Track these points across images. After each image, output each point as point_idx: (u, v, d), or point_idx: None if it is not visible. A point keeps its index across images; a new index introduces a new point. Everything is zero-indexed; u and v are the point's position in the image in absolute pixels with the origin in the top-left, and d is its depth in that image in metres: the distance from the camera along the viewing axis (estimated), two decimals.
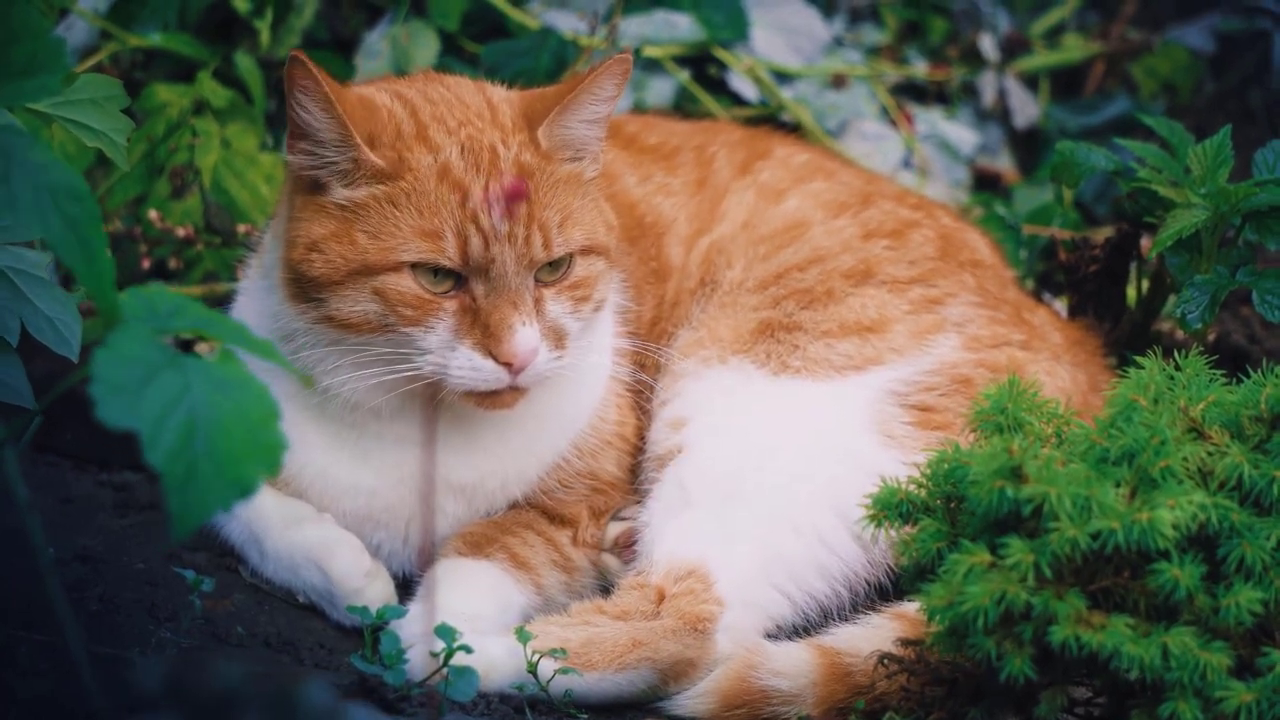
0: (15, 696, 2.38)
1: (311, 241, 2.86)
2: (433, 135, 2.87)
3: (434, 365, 2.83)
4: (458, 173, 2.84)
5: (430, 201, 2.82)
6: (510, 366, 2.82)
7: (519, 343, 2.81)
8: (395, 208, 2.83)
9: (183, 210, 3.77)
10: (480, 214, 2.81)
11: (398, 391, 2.90)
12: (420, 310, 2.83)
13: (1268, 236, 3.20)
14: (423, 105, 2.92)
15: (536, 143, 2.90)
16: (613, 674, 2.80)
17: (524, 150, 2.88)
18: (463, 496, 3.05)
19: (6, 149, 2.17)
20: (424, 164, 2.84)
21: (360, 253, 2.83)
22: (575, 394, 3.07)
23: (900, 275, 3.19)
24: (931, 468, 2.62)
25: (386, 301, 2.83)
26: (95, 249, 2.17)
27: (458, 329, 2.83)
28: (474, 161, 2.85)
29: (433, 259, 2.81)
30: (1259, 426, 2.55)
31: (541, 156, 2.89)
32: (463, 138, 2.87)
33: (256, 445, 2.08)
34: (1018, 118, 4.46)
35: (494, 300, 2.82)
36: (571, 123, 2.91)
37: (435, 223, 2.81)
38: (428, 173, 2.83)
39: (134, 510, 3.32)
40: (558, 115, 2.89)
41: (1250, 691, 2.38)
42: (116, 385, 2.05)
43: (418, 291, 2.83)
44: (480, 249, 2.81)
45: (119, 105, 2.83)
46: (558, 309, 2.88)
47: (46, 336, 2.81)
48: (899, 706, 2.66)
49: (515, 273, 2.82)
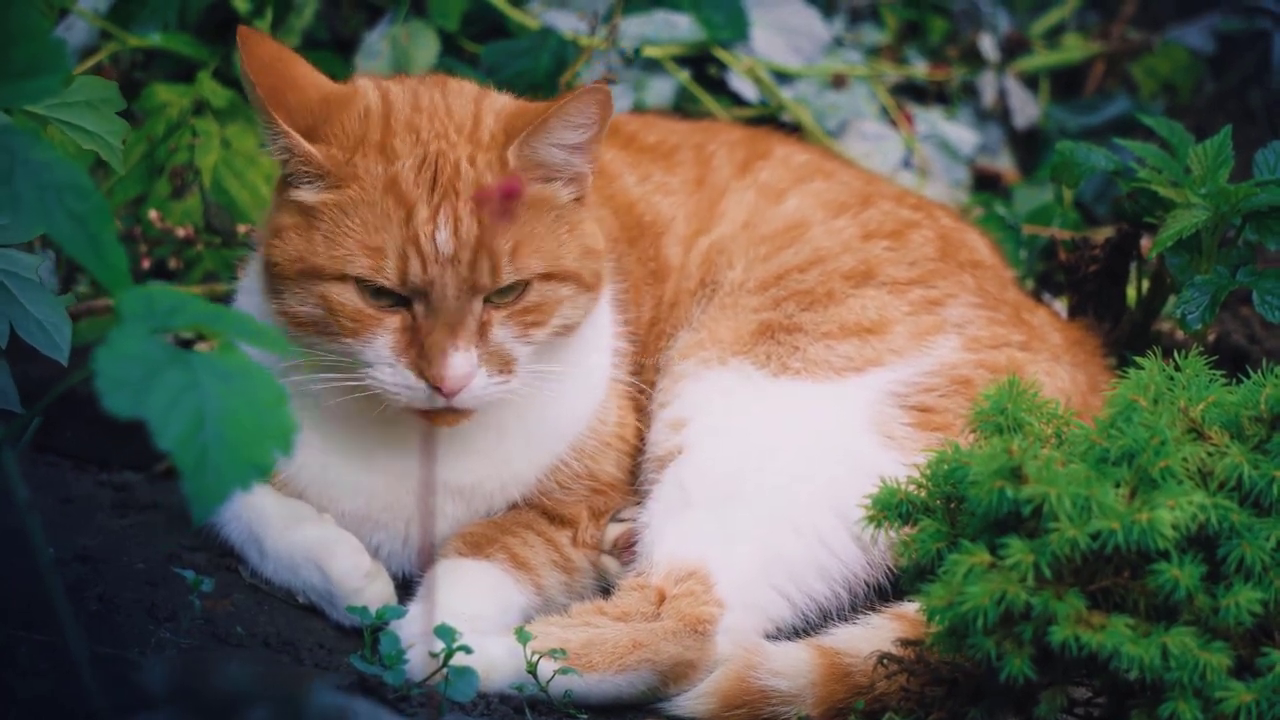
0: (15, 696, 2.38)
1: (277, 229, 2.87)
2: (395, 144, 2.84)
3: (372, 379, 2.82)
4: (405, 187, 2.80)
5: (375, 216, 2.80)
6: (440, 390, 2.80)
7: (449, 367, 2.78)
8: (345, 216, 2.81)
9: (183, 210, 3.77)
10: (423, 236, 2.78)
11: (349, 397, 2.88)
12: (360, 324, 2.81)
13: (1268, 236, 3.20)
14: (402, 110, 2.90)
15: (505, 162, 2.86)
16: (613, 675, 2.80)
17: (488, 170, 2.84)
18: (461, 498, 3.05)
19: (8, 148, 2.17)
20: (373, 174, 2.81)
21: (312, 254, 2.82)
22: (573, 397, 3.07)
23: (900, 276, 3.19)
24: (931, 468, 2.62)
25: (330, 309, 2.82)
26: (105, 243, 2.16)
27: (395, 346, 2.81)
28: (429, 177, 2.81)
29: (371, 278, 2.80)
30: (1259, 427, 2.55)
31: (502, 177, 2.84)
32: (429, 151, 2.84)
33: (268, 428, 2.09)
34: (1018, 118, 4.46)
35: (431, 322, 2.79)
36: (542, 146, 2.85)
37: (378, 239, 2.79)
38: (375, 184, 2.81)
39: (134, 510, 3.32)
40: (528, 138, 2.84)
41: (1250, 691, 2.38)
42: (120, 380, 2.05)
43: (359, 305, 2.82)
44: (419, 272, 2.78)
45: (114, 108, 2.83)
46: (504, 334, 2.84)
47: (36, 339, 2.81)
48: (899, 707, 2.66)
49: (455, 297, 2.79)
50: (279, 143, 2.84)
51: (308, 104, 2.86)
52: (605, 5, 3.99)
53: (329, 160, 2.82)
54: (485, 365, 2.82)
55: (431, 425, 2.88)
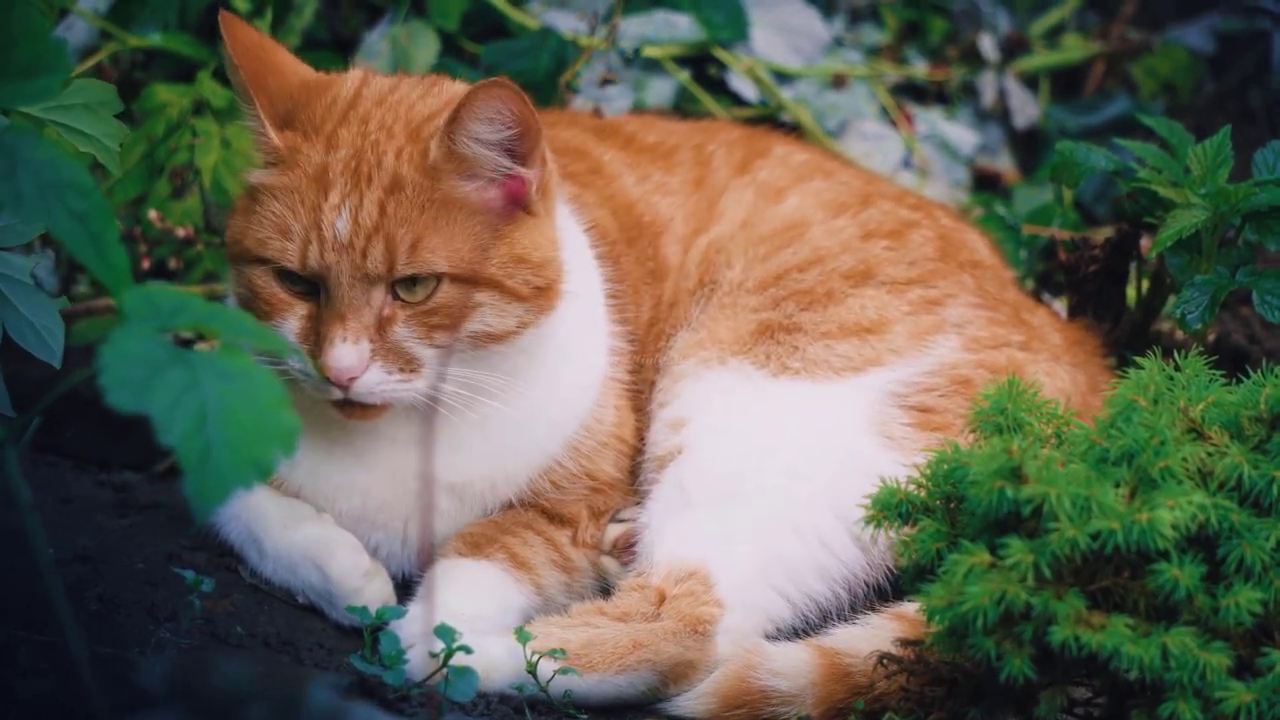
0: (15, 697, 2.38)
1: (230, 213, 2.94)
2: (341, 134, 2.86)
3: (288, 364, 2.83)
4: (331, 176, 2.82)
5: (295, 201, 2.82)
6: (328, 379, 2.80)
7: (335, 357, 2.78)
8: (274, 199, 2.84)
9: (183, 210, 3.77)
10: (325, 221, 2.79)
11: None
12: (274, 307, 2.84)
13: (1268, 236, 3.20)
14: (365, 102, 2.91)
15: (425, 155, 2.84)
16: (613, 675, 2.80)
17: (407, 163, 2.83)
18: (454, 496, 3.05)
19: (9, 147, 2.17)
20: (310, 161, 2.84)
21: (243, 235, 2.86)
22: (564, 396, 3.06)
23: (899, 276, 3.19)
24: (931, 468, 2.62)
25: (252, 290, 2.86)
26: (106, 242, 2.17)
27: (299, 332, 2.84)
28: (354, 168, 2.82)
29: (277, 260, 2.82)
30: (1259, 427, 2.55)
31: (423, 172, 2.83)
32: (366, 144, 2.84)
33: (269, 428, 2.09)
34: (1018, 118, 4.46)
35: (327, 311, 2.81)
36: (459, 140, 2.82)
37: (289, 223, 2.82)
38: (305, 170, 2.84)
39: (134, 510, 3.31)
40: (445, 130, 2.82)
41: (1250, 691, 2.38)
42: (124, 378, 2.05)
43: (273, 288, 2.84)
44: (317, 256, 2.80)
45: (112, 111, 2.83)
46: (406, 332, 2.83)
47: (28, 342, 2.81)
48: (898, 707, 2.66)
49: (350, 285, 2.79)
50: (252, 125, 2.89)
51: (287, 89, 2.90)
52: (605, 5, 3.99)
53: (283, 145, 2.86)
54: (382, 360, 2.81)
55: (346, 419, 2.89)
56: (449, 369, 2.85)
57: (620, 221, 3.27)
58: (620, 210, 3.28)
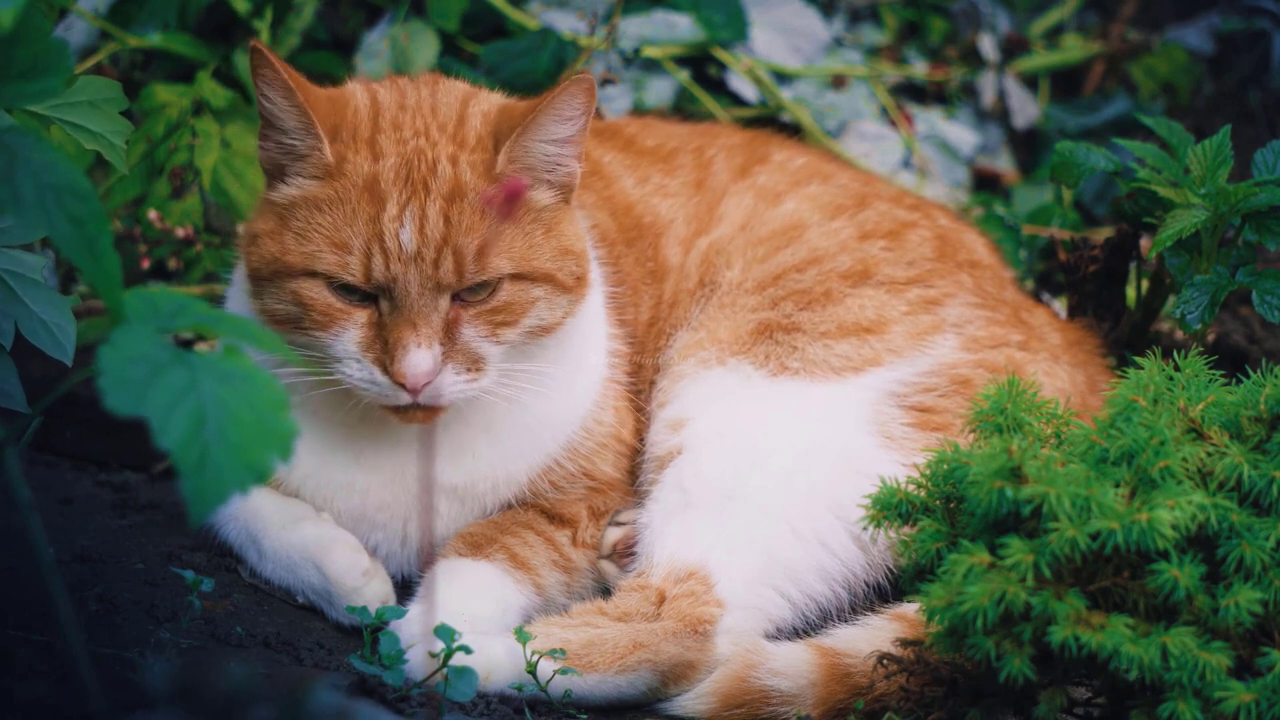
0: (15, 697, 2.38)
1: (253, 234, 2.90)
2: (381, 142, 2.86)
3: (341, 374, 2.84)
4: (383, 186, 2.82)
5: (348, 212, 2.82)
6: (404, 387, 2.81)
7: (410, 364, 2.79)
8: (320, 212, 2.83)
9: (182, 210, 3.77)
10: (387, 233, 2.79)
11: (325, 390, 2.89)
12: (329, 318, 2.83)
13: (1267, 236, 3.20)
14: (388, 109, 2.91)
15: (491, 164, 2.86)
16: (613, 675, 2.80)
17: (469, 170, 2.84)
18: (454, 497, 3.06)
19: (10, 148, 2.17)
20: (359, 171, 2.83)
21: (284, 252, 2.85)
22: (566, 397, 3.07)
23: (898, 276, 3.20)
24: (931, 468, 2.62)
25: (301, 305, 2.84)
26: (101, 247, 2.17)
27: (362, 341, 2.83)
28: (405, 176, 2.82)
29: (336, 274, 2.82)
30: (1258, 427, 2.55)
31: (485, 178, 2.85)
32: (409, 150, 2.85)
33: (267, 432, 2.09)
34: (1017, 118, 4.46)
35: (395, 319, 2.81)
36: (532, 144, 2.87)
37: (346, 235, 2.81)
38: (355, 181, 2.83)
39: (133, 510, 3.32)
40: (519, 137, 2.85)
41: (1250, 691, 2.38)
42: (122, 380, 2.05)
43: (329, 300, 2.84)
44: (382, 269, 2.80)
45: (118, 108, 2.83)
46: (473, 333, 2.85)
47: (40, 339, 2.81)
48: (898, 707, 2.66)
49: (419, 294, 2.80)
50: (306, 142, 2.84)
51: (323, 105, 2.89)
52: (605, 5, 3.99)
53: (334, 154, 2.84)
54: (452, 363, 2.83)
55: (404, 423, 2.89)
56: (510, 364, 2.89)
57: (620, 223, 3.27)
58: (620, 211, 3.28)
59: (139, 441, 2.84)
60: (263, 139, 2.89)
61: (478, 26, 4.11)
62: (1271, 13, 4.51)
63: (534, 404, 3.00)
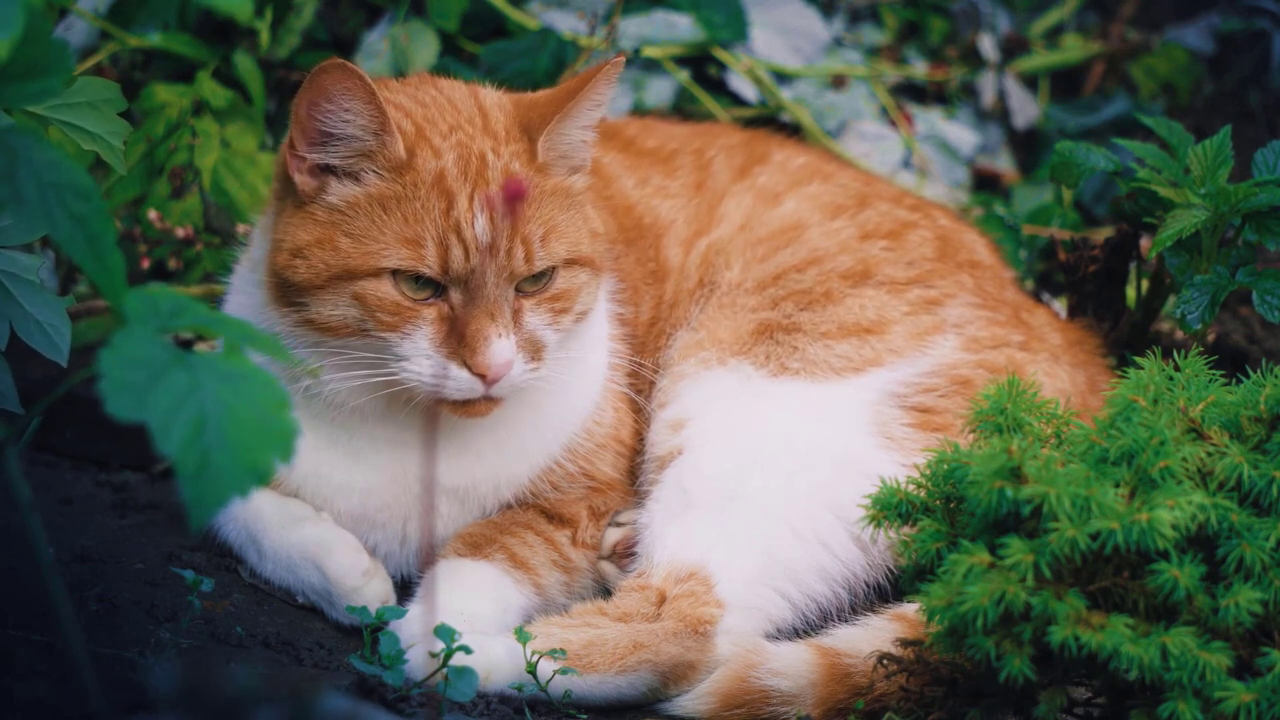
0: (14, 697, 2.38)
1: (296, 248, 2.87)
2: (431, 138, 2.87)
3: (409, 372, 2.84)
4: (450, 180, 2.84)
5: (417, 208, 2.82)
6: (484, 378, 2.82)
7: (493, 355, 2.81)
8: (384, 211, 2.83)
9: (182, 210, 3.77)
10: (463, 224, 2.81)
11: (378, 394, 2.90)
12: (398, 317, 2.83)
13: (1268, 236, 3.20)
14: (414, 109, 2.92)
15: (532, 154, 2.90)
16: (613, 676, 2.80)
17: (514, 160, 2.88)
18: (455, 498, 3.06)
19: (11, 147, 2.17)
20: (427, 166, 2.84)
21: (342, 257, 2.83)
22: (568, 397, 3.07)
23: (898, 276, 3.20)
24: (931, 468, 2.62)
25: (365, 306, 2.83)
26: (104, 246, 2.17)
27: (434, 337, 2.83)
28: (464, 169, 2.85)
29: (413, 267, 2.82)
30: (1258, 427, 2.55)
31: (534, 168, 2.89)
32: (454, 143, 2.87)
33: (268, 433, 2.09)
34: (1017, 118, 4.46)
35: (471, 311, 2.82)
36: (570, 130, 2.91)
37: (418, 230, 2.82)
38: (425, 176, 2.83)
39: (133, 510, 3.32)
40: (558, 124, 2.89)
41: (1250, 691, 2.38)
42: (123, 383, 2.05)
43: (396, 298, 2.83)
44: (460, 260, 2.81)
45: (116, 109, 2.83)
46: (536, 321, 2.88)
47: (36, 341, 2.81)
48: (898, 707, 2.66)
49: (495, 285, 2.82)
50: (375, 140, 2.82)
51: None
52: (605, 5, 3.99)
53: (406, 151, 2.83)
54: (523, 352, 2.85)
55: (463, 416, 2.90)
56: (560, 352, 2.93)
57: (620, 223, 3.27)
58: (619, 212, 3.29)
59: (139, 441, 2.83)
60: (303, 150, 2.85)
61: (478, 26, 4.11)
62: (1271, 13, 4.51)
63: (540, 401, 3.00)
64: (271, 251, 2.91)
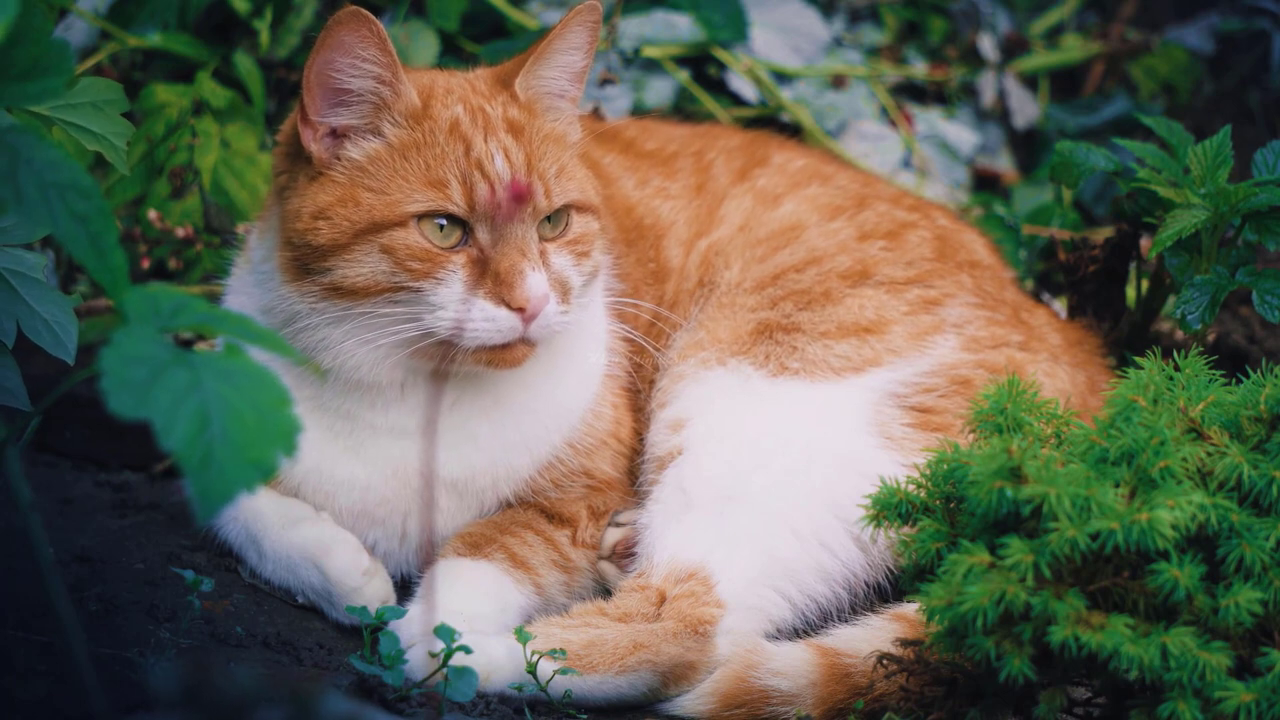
0: (14, 697, 2.38)
1: (317, 210, 2.89)
2: (437, 95, 2.95)
3: (446, 320, 2.85)
4: (465, 126, 2.90)
5: (437, 153, 2.88)
6: (523, 312, 2.84)
7: (531, 286, 2.84)
8: (405, 160, 2.88)
9: (182, 210, 3.77)
10: (485, 161, 2.88)
11: (402, 358, 2.90)
12: (429, 263, 2.85)
13: (1268, 236, 3.20)
14: (415, 77, 2.99)
15: (516, 97, 2.97)
16: (614, 676, 2.80)
17: (509, 107, 2.96)
18: (454, 492, 3.06)
19: (13, 147, 2.17)
20: (442, 115, 2.91)
21: (367, 211, 2.86)
22: (569, 387, 3.08)
23: (898, 276, 3.20)
24: (931, 468, 2.62)
25: (395, 258, 2.85)
26: (106, 244, 2.17)
27: (468, 280, 2.86)
28: (472, 118, 2.92)
29: (440, 207, 2.85)
30: (1258, 427, 2.55)
31: (525, 111, 2.96)
32: (457, 99, 2.95)
33: (271, 429, 2.09)
34: (1017, 118, 4.46)
35: (502, 249, 2.86)
36: (547, 72, 2.98)
37: (441, 172, 2.87)
38: (441, 124, 2.90)
39: (133, 510, 3.32)
40: (532, 65, 2.97)
41: (1250, 691, 2.38)
42: (125, 381, 2.05)
43: (425, 245, 2.86)
44: (486, 194, 2.86)
45: (119, 109, 2.83)
46: (561, 261, 2.93)
47: (42, 338, 2.82)
48: (898, 707, 2.66)
49: (520, 221, 2.87)
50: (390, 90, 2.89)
51: None
52: (605, 5, 3.99)
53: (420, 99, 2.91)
54: (553, 291, 2.89)
55: (498, 368, 2.91)
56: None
57: (620, 223, 3.28)
58: (619, 212, 3.29)
59: (139, 441, 2.84)
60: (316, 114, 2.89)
61: (478, 26, 4.11)
62: (1271, 13, 4.51)
63: (540, 385, 3.01)
64: (289, 220, 2.92)
